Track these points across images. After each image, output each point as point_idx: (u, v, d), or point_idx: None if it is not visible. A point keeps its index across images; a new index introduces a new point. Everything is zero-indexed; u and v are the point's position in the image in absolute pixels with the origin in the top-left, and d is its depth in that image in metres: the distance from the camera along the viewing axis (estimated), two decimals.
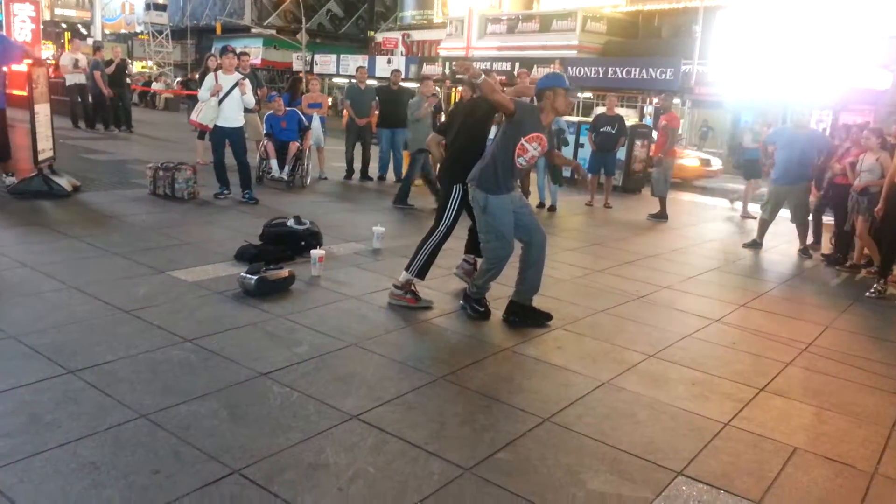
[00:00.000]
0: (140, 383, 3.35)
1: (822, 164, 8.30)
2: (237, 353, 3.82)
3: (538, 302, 4.90)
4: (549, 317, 4.86)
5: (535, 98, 4.78)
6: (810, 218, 8.50)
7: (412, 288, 4.95)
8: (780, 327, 5.35)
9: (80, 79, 14.63)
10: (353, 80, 12.42)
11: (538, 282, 4.84)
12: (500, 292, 4.98)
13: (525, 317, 4.82)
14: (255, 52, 38.82)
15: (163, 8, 44.22)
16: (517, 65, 25.10)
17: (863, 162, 7.24)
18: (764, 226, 8.60)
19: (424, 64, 32.62)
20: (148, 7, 43.77)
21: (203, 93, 8.14)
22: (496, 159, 4.56)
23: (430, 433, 3.14)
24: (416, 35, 40.34)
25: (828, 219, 8.63)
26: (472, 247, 5.50)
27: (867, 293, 6.59)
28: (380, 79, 25.09)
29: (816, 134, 8.86)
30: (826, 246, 8.55)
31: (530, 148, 4.55)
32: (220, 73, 8.15)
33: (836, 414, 3.80)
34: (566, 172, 9.86)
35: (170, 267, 5.32)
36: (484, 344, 4.36)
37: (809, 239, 8.48)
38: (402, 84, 11.83)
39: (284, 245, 5.94)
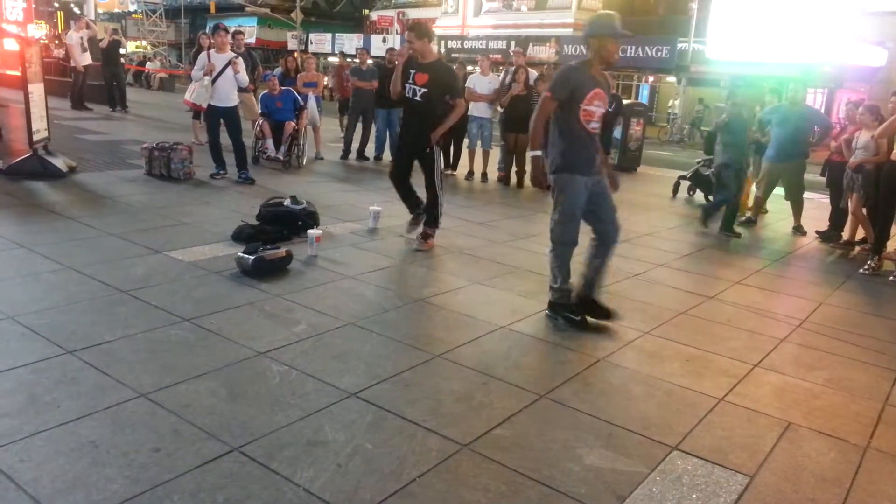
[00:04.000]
0: (139, 363, 3.37)
1: (817, 140, 8.28)
2: (235, 332, 3.83)
3: (538, 283, 4.90)
4: (609, 314, 4.47)
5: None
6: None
7: None
8: (775, 304, 5.39)
9: (88, 59, 14.40)
10: (355, 62, 12.32)
11: (596, 275, 4.48)
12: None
13: (586, 310, 4.47)
14: (250, 31, 38.57)
15: None
16: (513, 43, 24.95)
17: (858, 139, 7.24)
18: (758, 203, 8.62)
19: None
20: None
21: (196, 72, 8.09)
22: (565, 139, 4.32)
23: (427, 410, 3.16)
24: (412, 13, 40.03)
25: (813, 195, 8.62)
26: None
27: (861, 270, 6.63)
28: (375, 58, 24.86)
29: (812, 111, 8.82)
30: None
31: (594, 108, 4.27)
32: (212, 51, 8.09)
33: (829, 389, 3.84)
34: None
35: (167, 247, 5.32)
36: (480, 322, 4.37)
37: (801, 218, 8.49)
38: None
39: (281, 225, 5.93)
